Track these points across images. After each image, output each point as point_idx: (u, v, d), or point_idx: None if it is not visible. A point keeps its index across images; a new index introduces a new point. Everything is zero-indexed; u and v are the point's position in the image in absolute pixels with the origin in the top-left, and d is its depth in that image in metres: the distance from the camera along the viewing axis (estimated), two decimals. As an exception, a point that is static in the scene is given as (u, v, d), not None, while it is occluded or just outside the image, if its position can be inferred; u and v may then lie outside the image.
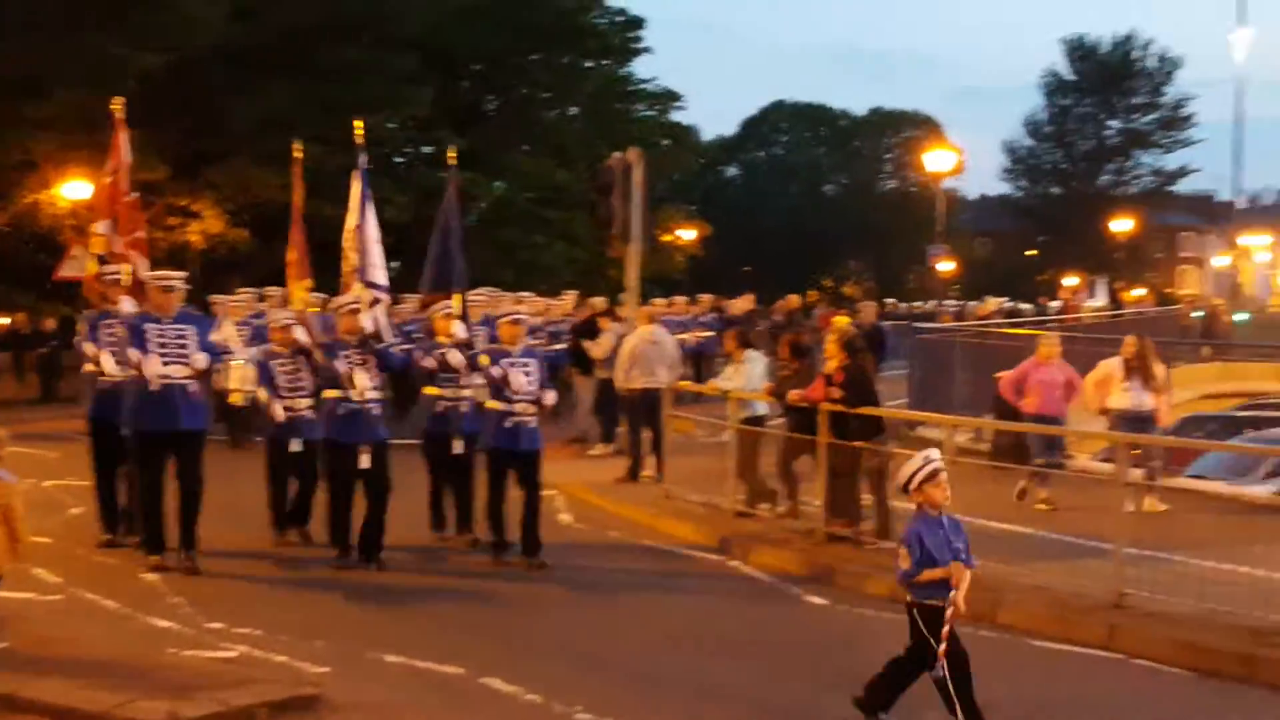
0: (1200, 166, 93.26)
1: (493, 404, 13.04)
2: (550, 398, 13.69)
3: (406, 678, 9.27)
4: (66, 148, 32.17)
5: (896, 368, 26.20)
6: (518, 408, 12.85)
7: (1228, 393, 33.49)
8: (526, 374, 12.99)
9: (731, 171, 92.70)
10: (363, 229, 14.18)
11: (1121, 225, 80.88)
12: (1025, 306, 56.59)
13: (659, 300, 28.14)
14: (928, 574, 7.75)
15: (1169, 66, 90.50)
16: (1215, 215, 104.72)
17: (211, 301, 23.80)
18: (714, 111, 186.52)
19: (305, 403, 13.53)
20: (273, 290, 22.36)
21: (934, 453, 8.39)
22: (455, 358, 13.64)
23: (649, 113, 53.89)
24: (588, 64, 49.56)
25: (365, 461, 12.41)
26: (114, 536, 13.33)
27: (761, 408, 16.05)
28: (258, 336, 20.07)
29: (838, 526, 13.79)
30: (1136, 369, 15.85)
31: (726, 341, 18.01)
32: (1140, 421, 15.29)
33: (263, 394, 13.84)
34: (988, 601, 11.54)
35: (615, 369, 18.98)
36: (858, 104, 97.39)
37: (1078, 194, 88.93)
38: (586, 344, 20.72)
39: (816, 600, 12.03)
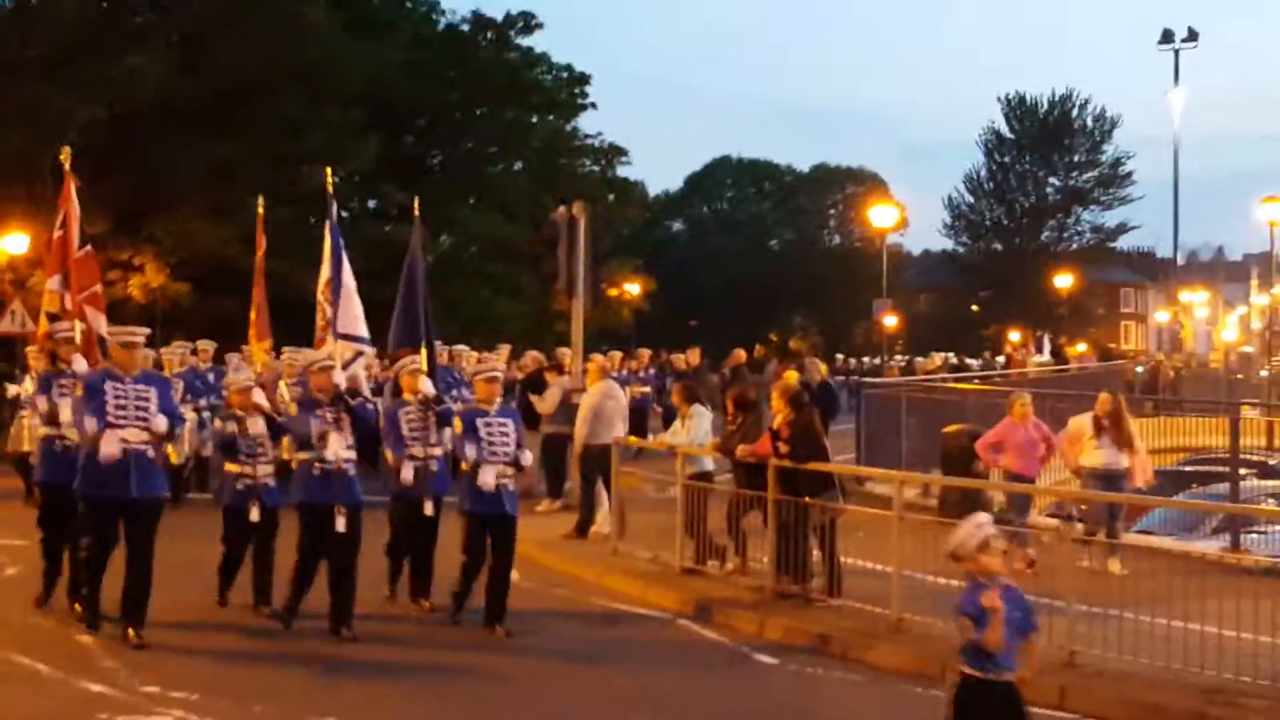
0: (1140, 223, 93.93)
1: (468, 467, 12.43)
2: (527, 458, 13.36)
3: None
4: (6, 200, 32.15)
5: (847, 423, 26.22)
6: (493, 469, 12.24)
7: (1171, 448, 33.70)
8: (504, 434, 12.53)
9: (677, 226, 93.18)
10: (338, 279, 13.72)
11: (1063, 281, 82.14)
12: (971, 361, 56.87)
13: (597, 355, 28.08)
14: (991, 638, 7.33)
15: (1107, 125, 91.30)
16: (1155, 271, 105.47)
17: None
18: (659, 167, 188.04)
19: (266, 469, 12.84)
20: (205, 344, 21.69)
21: (984, 517, 8.14)
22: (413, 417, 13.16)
23: (594, 168, 54.13)
24: (533, 119, 49.73)
25: (341, 525, 11.71)
26: (46, 601, 12.53)
27: (709, 463, 15.89)
28: (190, 391, 19.75)
29: (787, 584, 13.66)
30: (1108, 427, 15.81)
31: (674, 396, 17.99)
32: (1113, 479, 15.43)
33: (231, 465, 13.03)
34: (937, 661, 11.49)
35: (577, 424, 18.59)
36: (801, 160, 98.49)
37: (1019, 250, 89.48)
38: (534, 398, 20.54)
39: (767, 660, 11.87)
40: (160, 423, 11.42)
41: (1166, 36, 47.96)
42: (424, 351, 14.21)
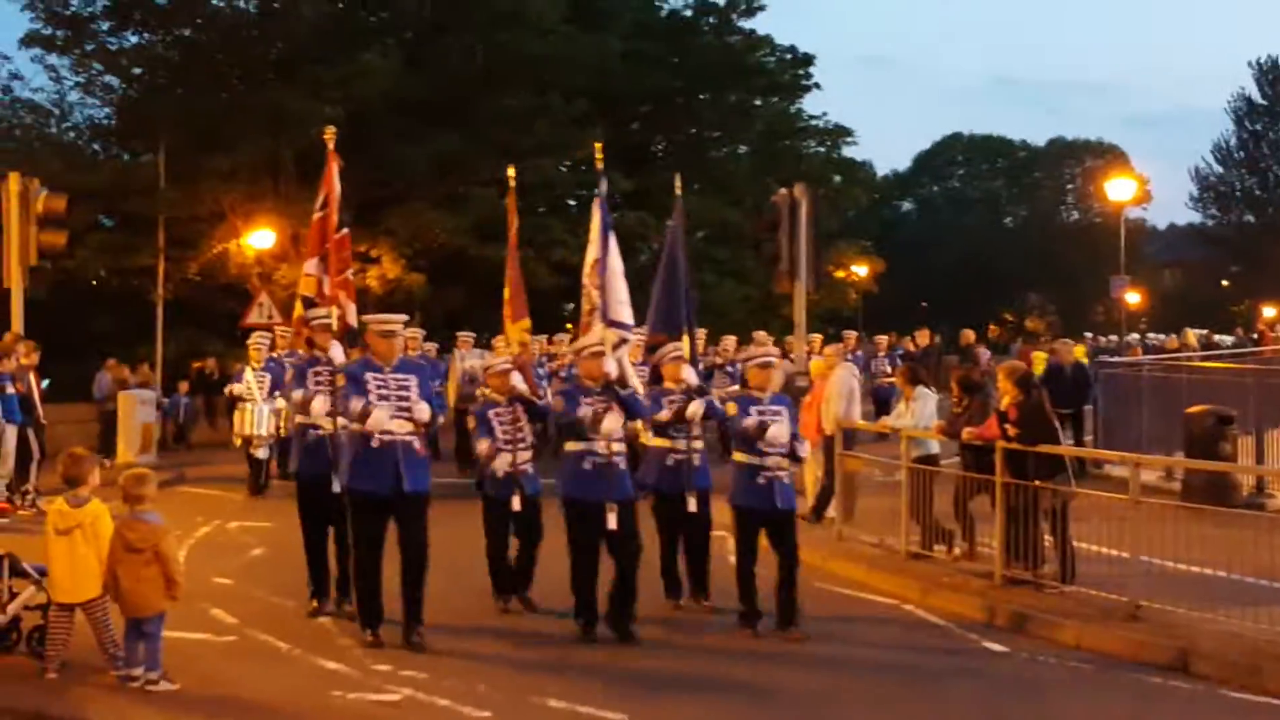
0: None
1: (740, 457, 11.60)
2: (805, 450, 12.49)
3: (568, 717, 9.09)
4: (252, 199, 32.77)
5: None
6: (770, 461, 11.36)
7: None
8: (778, 423, 11.47)
9: (907, 206, 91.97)
10: (604, 263, 12.50)
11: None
12: (1224, 339, 54.72)
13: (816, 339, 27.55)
14: None
15: None
16: None
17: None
18: (888, 146, 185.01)
19: (525, 455, 12.04)
20: (414, 332, 22.04)
21: None
22: (695, 409, 12.04)
23: (820, 149, 53.59)
24: (756, 102, 49.41)
25: (612, 522, 10.88)
26: (321, 605, 11.87)
27: (934, 446, 15.59)
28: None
29: (1017, 570, 13.37)
30: None
31: (897, 378, 17.72)
32: None
33: (484, 446, 12.15)
34: (1178, 650, 11.16)
35: (830, 405, 17.60)
36: (1034, 134, 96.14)
37: (1273, 221, 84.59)
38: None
39: (997, 648, 11.67)
40: (423, 411, 10.77)
41: None
42: (685, 339, 12.76)
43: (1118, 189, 52.69)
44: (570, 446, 11.27)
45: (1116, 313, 54.08)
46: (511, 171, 14.74)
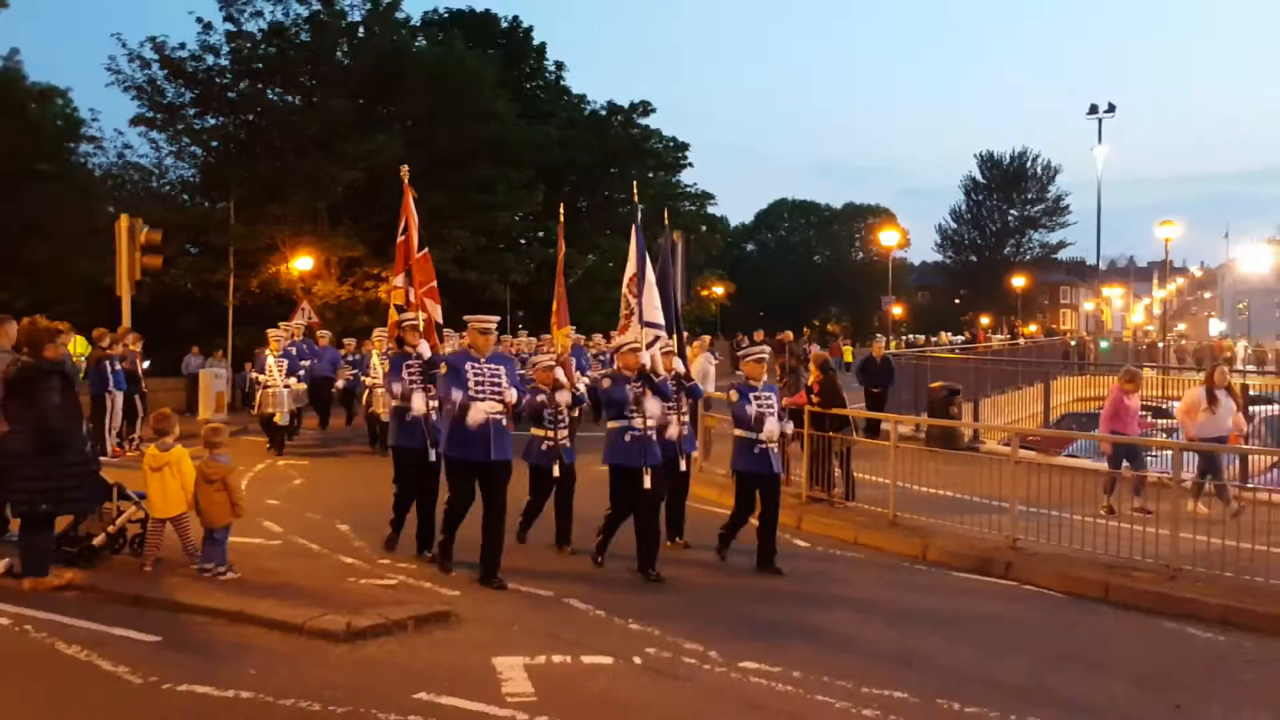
0: (1074, 240, 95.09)
1: (740, 433, 10.73)
2: (790, 427, 11.73)
3: (514, 598, 9.14)
4: (297, 235, 32.59)
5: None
6: (763, 436, 10.53)
7: (1092, 397, 33.18)
8: (769, 409, 10.72)
9: (750, 247, 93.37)
10: (641, 276, 11.55)
11: (1018, 282, 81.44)
12: (957, 339, 56.24)
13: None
14: None
15: (1051, 172, 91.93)
16: (1085, 274, 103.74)
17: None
18: (737, 206, 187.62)
19: (564, 432, 11.17)
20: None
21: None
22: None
23: (691, 207, 53.93)
24: (650, 174, 49.61)
25: (647, 482, 10.05)
26: (393, 541, 10.86)
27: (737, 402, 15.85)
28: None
29: (817, 491, 13.61)
30: (1218, 394, 13.46)
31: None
32: (1219, 440, 13.21)
33: (536, 429, 11.20)
34: (921, 545, 11.47)
35: (703, 382, 16.93)
36: (835, 200, 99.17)
37: (988, 261, 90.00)
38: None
39: (802, 544, 11.87)
40: (511, 394, 9.81)
41: (1093, 109, 46.61)
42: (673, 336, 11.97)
43: (887, 238, 55.65)
44: (613, 424, 10.42)
45: (886, 320, 55.40)
46: (562, 213, 14.28)
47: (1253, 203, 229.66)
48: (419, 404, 10.65)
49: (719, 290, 59.78)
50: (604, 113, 48.93)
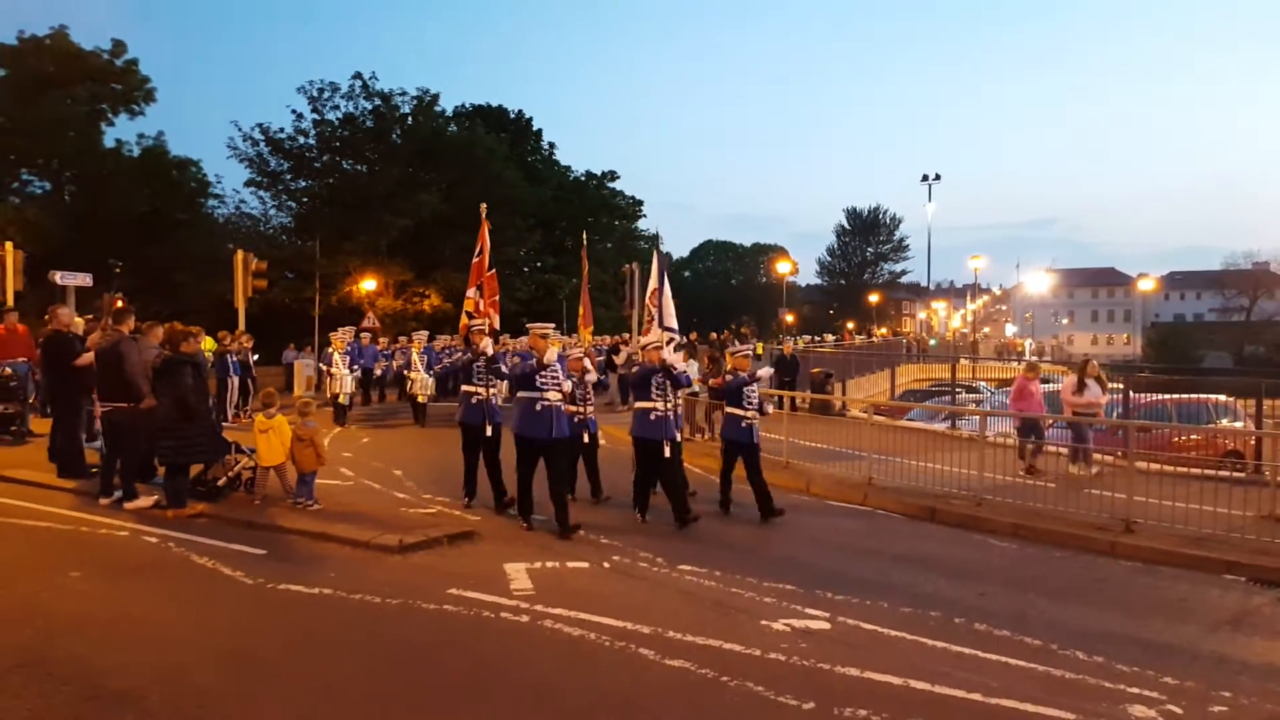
0: (912, 269, 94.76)
1: (731, 410, 9.89)
2: (770, 409, 11.10)
3: (518, 521, 9.04)
4: (364, 264, 32.48)
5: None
6: (749, 414, 9.77)
7: (923, 379, 33.45)
8: (754, 391, 9.94)
9: (687, 274, 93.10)
10: (660, 290, 10.85)
11: (873, 299, 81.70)
12: (830, 338, 56.47)
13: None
14: None
15: (896, 221, 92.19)
16: (919, 293, 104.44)
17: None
18: (679, 243, 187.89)
19: (591, 409, 10.24)
20: (424, 333, 20.07)
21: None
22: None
23: (645, 246, 53.91)
24: (616, 222, 49.63)
25: (667, 452, 9.24)
26: (471, 500, 9.66)
27: (695, 387, 15.70)
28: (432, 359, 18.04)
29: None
30: (1088, 381, 12.40)
31: (682, 355, 17.85)
32: (1090, 413, 12.14)
33: (570, 407, 9.85)
34: (804, 482, 11.49)
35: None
36: (747, 240, 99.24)
37: (853, 284, 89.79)
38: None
39: (714, 480, 11.83)
40: (568, 385, 9.11)
41: (924, 177, 46.95)
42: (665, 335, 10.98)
43: (782, 267, 56.18)
44: (640, 405, 9.45)
45: (781, 326, 55.63)
46: (585, 244, 13.92)
47: (1035, 242, 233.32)
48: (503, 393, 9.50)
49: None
50: (583, 178, 48.80)
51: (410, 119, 37.05)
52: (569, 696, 4.88)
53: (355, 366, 18.14)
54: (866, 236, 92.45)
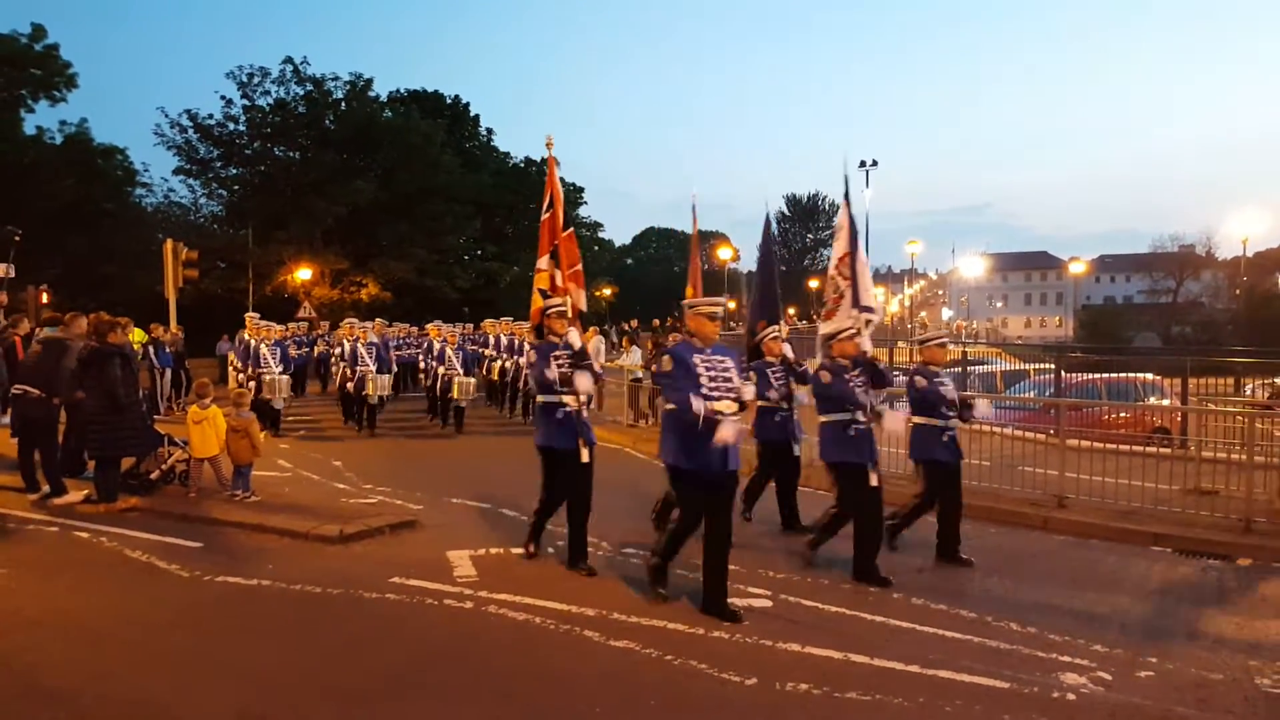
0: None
1: (762, 402, 8.23)
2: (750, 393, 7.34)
3: (461, 508, 9.06)
4: (298, 252, 32.10)
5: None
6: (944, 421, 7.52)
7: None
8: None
9: (629, 261, 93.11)
10: (854, 256, 7.99)
11: (814, 284, 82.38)
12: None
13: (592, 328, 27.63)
14: None
15: (835, 207, 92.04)
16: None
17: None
18: (620, 232, 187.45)
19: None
20: (380, 321, 18.07)
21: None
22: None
23: (586, 233, 53.86)
24: (558, 210, 49.50)
25: (874, 479, 6.82)
26: (535, 549, 7.29)
27: (640, 373, 15.84)
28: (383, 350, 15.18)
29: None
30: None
31: (624, 341, 18.08)
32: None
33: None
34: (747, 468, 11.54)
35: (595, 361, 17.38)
36: (688, 226, 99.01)
37: (793, 270, 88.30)
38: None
39: (642, 455, 11.86)
40: (748, 391, 6.04)
41: (861, 163, 47.48)
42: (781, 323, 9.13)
43: (724, 254, 56.16)
44: (828, 418, 6.99)
45: (725, 310, 55.89)
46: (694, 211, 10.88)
47: (970, 227, 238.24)
48: (585, 384, 6.92)
49: (607, 291, 59.72)
50: (522, 164, 48.45)
51: (344, 104, 36.48)
52: (514, 680, 4.89)
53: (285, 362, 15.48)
54: (806, 223, 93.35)
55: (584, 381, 6.95)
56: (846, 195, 8.17)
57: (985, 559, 7.58)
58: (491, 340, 17.49)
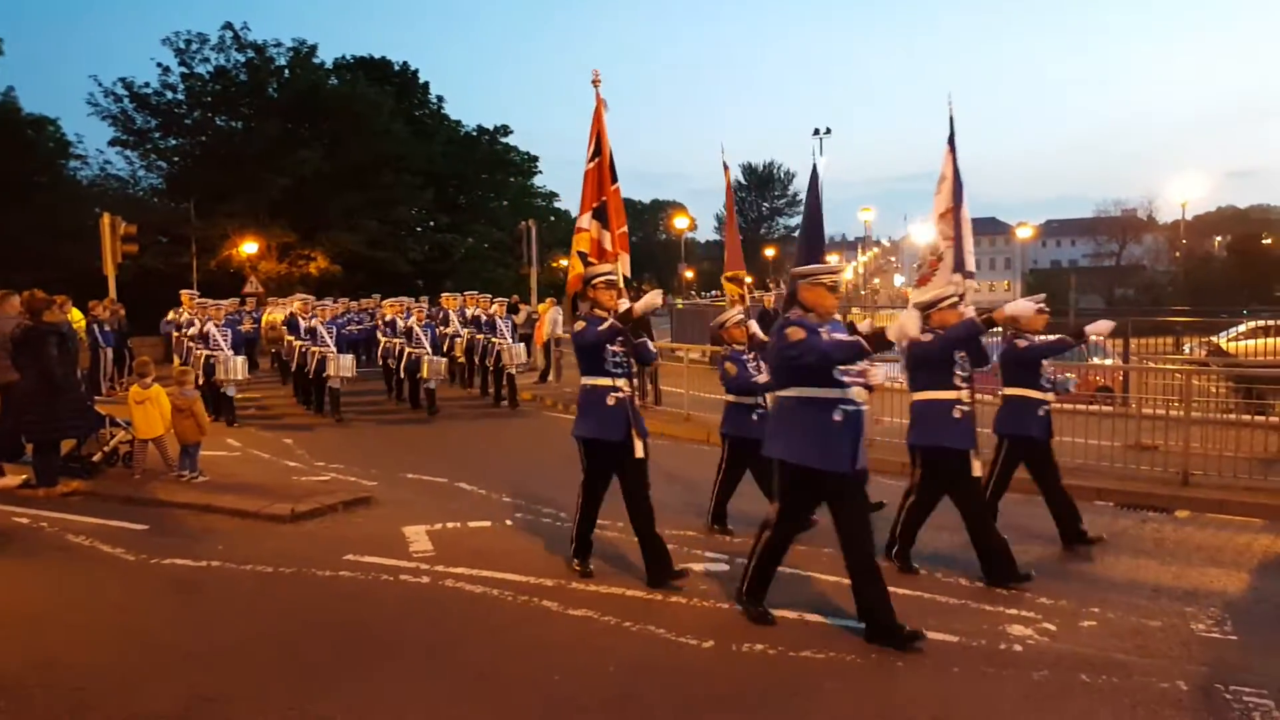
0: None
1: (1024, 392, 6.78)
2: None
3: (416, 484, 9.00)
4: (243, 226, 31.39)
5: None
6: (1040, 393, 6.77)
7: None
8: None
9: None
10: (957, 212, 6.94)
11: (770, 253, 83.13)
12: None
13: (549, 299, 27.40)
14: None
15: (789, 176, 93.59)
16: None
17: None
18: (575, 201, 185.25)
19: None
20: (309, 297, 16.12)
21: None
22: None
23: (541, 203, 53.20)
24: (511, 179, 48.67)
25: (977, 469, 5.98)
26: (586, 566, 6.06)
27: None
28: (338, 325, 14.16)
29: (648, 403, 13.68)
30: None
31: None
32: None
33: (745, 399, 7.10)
34: (705, 432, 11.61)
35: (545, 327, 16.82)
36: (647, 197, 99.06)
37: (750, 239, 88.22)
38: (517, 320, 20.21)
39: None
40: (878, 374, 5.08)
41: (815, 131, 47.45)
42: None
43: (680, 223, 56.54)
44: (935, 395, 5.90)
45: (682, 283, 56.08)
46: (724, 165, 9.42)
47: (921, 194, 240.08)
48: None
49: (564, 262, 59.48)
50: (475, 133, 47.71)
51: (287, 72, 35.55)
52: (472, 652, 4.88)
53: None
54: (761, 191, 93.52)
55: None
56: (951, 139, 6.93)
57: (935, 517, 7.72)
58: (453, 316, 16.18)
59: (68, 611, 5.52)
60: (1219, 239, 73.07)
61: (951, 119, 7.03)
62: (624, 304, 5.97)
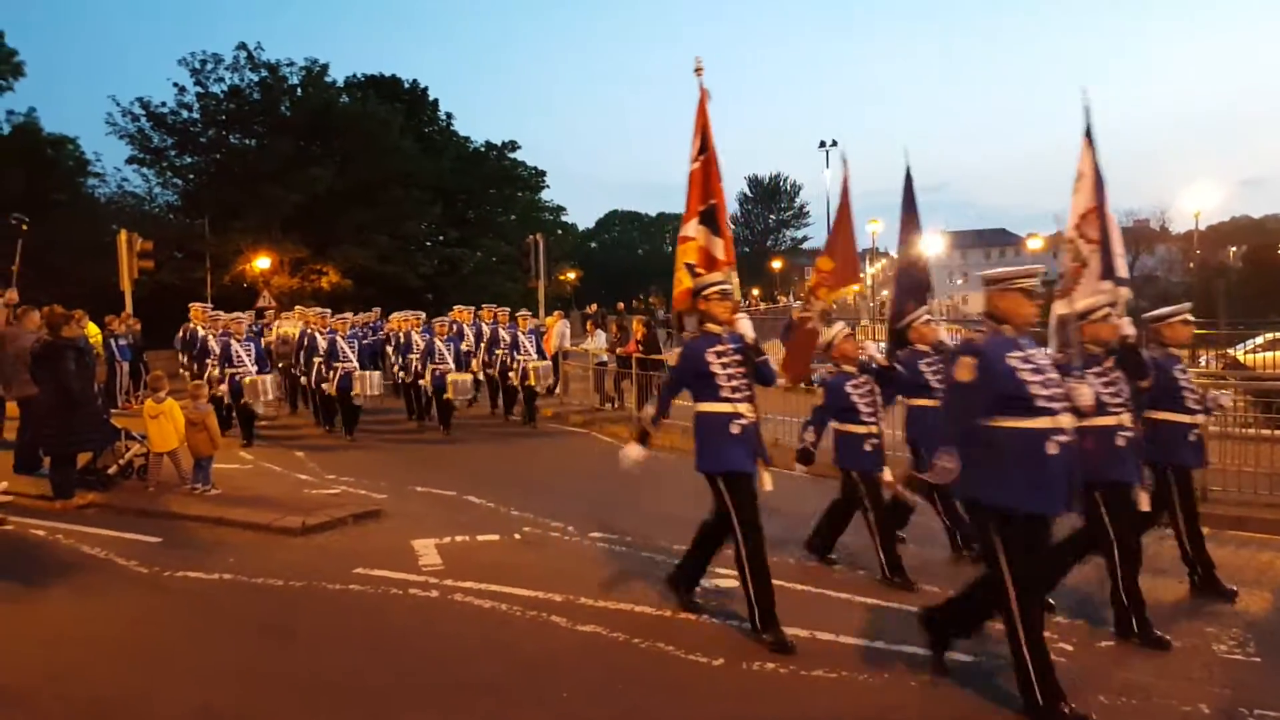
0: (813, 235, 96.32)
1: (1172, 417, 5.94)
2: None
3: (426, 497, 8.99)
4: (256, 241, 31.59)
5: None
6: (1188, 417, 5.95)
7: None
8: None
9: (593, 245, 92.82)
10: (1102, 211, 6.00)
11: (776, 265, 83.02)
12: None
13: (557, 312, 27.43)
14: None
15: (796, 189, 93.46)
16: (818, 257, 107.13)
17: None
18: (583, 214, 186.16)
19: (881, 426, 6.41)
20: (324, 310, 14.45)
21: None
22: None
23: (549, 216, 53.39)
24: (518, 193, 48.88)
25: (1145, 503, 5.27)
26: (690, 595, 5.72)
27: (604, 356, 15.84)
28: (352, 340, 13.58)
29: (645, 410, 13.69)
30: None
31: (589, 325, 18.03)
32: None
33: (851, 426, 6.37)
34: (688, 438, 11.57)
35: (554, 339, 16.22)
36: (652, 209, 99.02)
37: (757, 250, 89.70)
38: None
39: (605, 439, 11.85)
40: (1085, 395, 4.32)
41: (822, 143, 47.57)
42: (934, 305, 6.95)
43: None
44: (1097, 421, 4.88)
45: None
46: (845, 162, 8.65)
47: (930, 205, 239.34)
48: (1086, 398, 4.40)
49: (571, 275, 59.38)
50: (483, 149, 47.97)
51: (299, 90, 35.85)
52: (480, 666, 4.87)
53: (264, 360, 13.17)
54: (768, 204, 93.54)
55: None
56: (1088, 132, 6.10)
57: (945, 535, 7.67)
58: (468, 330, 14.70)
59: (83, 624, 5.53)
60: (1234, 249, 72.61)
61: (1087, 109, 6.11)
62: (743, 320, 5.33)
